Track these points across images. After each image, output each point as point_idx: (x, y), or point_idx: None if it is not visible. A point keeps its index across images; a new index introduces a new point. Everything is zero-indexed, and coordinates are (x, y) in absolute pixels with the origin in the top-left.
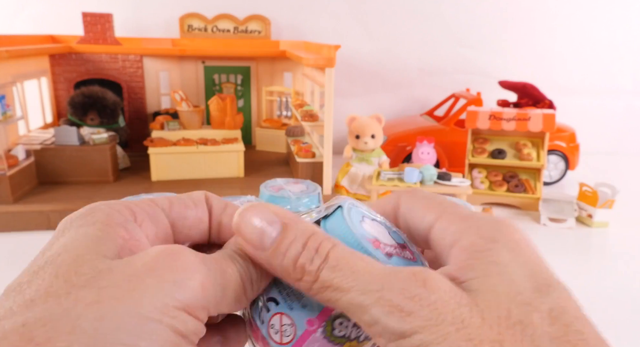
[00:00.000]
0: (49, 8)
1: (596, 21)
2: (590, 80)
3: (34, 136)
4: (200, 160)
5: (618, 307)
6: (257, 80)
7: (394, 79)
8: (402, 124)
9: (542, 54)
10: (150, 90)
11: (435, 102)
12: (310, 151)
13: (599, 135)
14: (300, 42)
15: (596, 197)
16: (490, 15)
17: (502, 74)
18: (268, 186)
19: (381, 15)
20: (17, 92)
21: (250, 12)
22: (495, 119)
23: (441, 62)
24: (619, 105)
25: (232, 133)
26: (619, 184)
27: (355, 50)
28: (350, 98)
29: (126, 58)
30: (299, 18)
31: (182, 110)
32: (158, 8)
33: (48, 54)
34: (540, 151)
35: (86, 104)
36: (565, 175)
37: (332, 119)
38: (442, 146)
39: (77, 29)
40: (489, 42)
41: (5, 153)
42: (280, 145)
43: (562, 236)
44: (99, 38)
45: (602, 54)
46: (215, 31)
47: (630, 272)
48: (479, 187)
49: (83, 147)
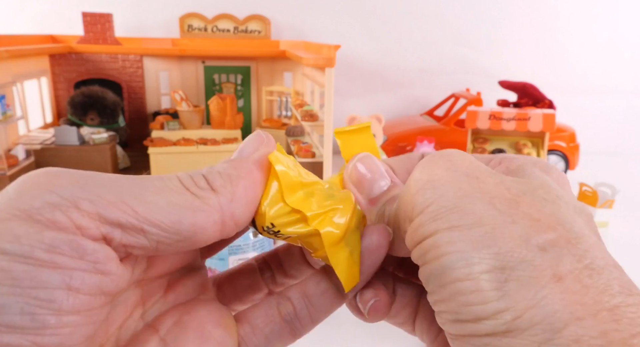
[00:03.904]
0: (49, 8)
1: (597, 21)
2: (590, 80)
3: (34, 136)
4: (200, 160)
5: None
6: (257, 80)
7: (394, 79)
8: (402, 124)
9: (542, 54)
10: (150, 90)
11: (435, 102)
12: (310, 151)
13: (599, 135)
14: (300, 42)
15: (596, 197)
16: (490, 15)
17: (502, 74)
18: None
19: (381, 15)
20: (17, 92)
21: (250, 12)
22: (495, 119)
23: (441, 62)
24: (619, 105)
25: (232, 133)
26: (619, 184)
27: (355, 50)
28: (350, 98)
29: (126, 58)
30: (299, 18)
31: (182, 110)
32: (158, 8)
33: (48, 54)
34: (540, 151)
35: (86, 104)
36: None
37: (332, 119)
38: (442, 146)
39: (77, 29)
40: (489, 42)
41: (5, 153)
42: (280, 145)
43: None
44: (99, 38)
45: (602, 54)
46: (215, 31)
47: (630, 272)
48: None
49: (83, 147)
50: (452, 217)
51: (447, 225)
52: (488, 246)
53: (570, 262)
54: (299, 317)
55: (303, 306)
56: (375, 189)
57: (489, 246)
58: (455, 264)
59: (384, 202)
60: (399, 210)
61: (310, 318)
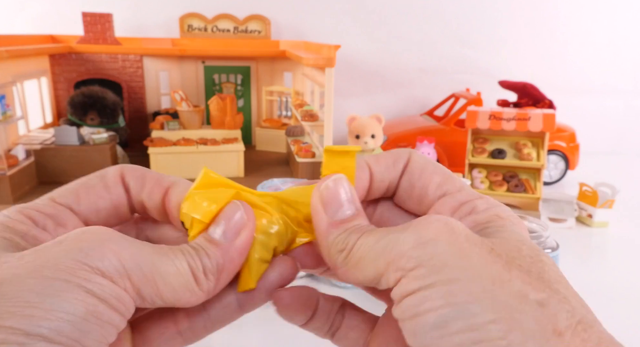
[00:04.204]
0: (49, 8)
1: (596, 21)
2: (590, 80)
3: (34, 136)
4: (200, 160)
5: (618, 307)
6: (257, 80)
7: (394, 79)
8: (402, 124)
9: (542, 54)
10: (150, 90)
11: (435, 102)
12: (310, 151)
13: (599, 135)
14: (300, 42)
15: (596, 197)
16: (490, 15)
17: (502, 74)
18: (265, 187)
19: (381, 15)
20: (17, 92)
21: (250, 12)
22: (495, 119)
23: (441, 62)
24: (619, 105)
25: (232, 133)
26: (619, 184)
27: (355, 50)
28: (350, 98)
29: (126, 58)
30: (299, 18)
31: (182, 110)
32: (158, 8)
33: (48, 54)
34: (540, 151)
35: (86, 104)
36: (565, 175)
37: (332, 119)
38: (442, 146)
39: (77, 29)
40: (489, 42)
41: (5, 153)
42: (280, 145)
43: (562, 236)
44: (99, 38)
45: (602, 54)
46: (215, 31)
47: (630, 272)
48: (479, 187)
49: (83, 147)
50: (453, 271)
51: (448, 277)
52: (490, 298)
53: (566, 317)
54: (194, 329)
55: (200, 318)
56: (339, 214)
57: (491, 298)
58: (459, 314)
59: (347, 230)
60: (383, 255)
61: (205, 329)
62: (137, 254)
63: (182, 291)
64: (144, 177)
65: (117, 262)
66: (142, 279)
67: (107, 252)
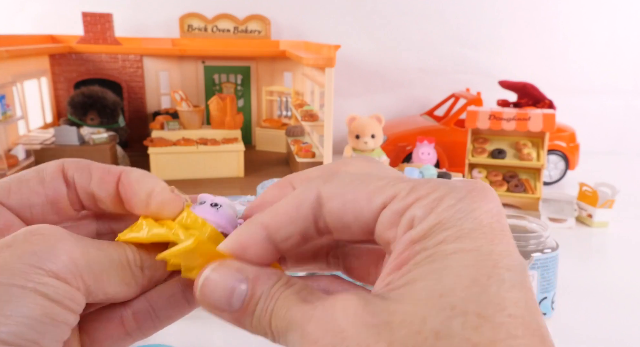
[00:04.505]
0: (49, 8)
1: (597, 21)
2: (590, 80)
3: (34, 136)
4: (200, 160)
5: (618, 307)
6: (257, 80)
7: (394, 79)
8: (402, 124)
9: (542, 54)
10: (150, 90)
11: (435, 102)
12: (310, 151)
13: (599, 135)
14: (300, 42)
15: (596, 197)
16: (490, 14)
17: (502, 74)
18: (265, 187)
19: (381, 15)
20: (17, 92)
21: (250, 12)
22: (495, 119)
23: (441, 62)
24: (619, 105)
25: (232, 133)
26: (619, 184)
27: (355, 50)
28: (350, 98)
29: (126, 58)
30: (299, 18)
31: (182, 110)
32: (158, 8)
33: (48, 54)
34: (540, 151)
35: (86, 104)
36: (565, 175)
37: (332, 119)
38: (442, 146)
39: (77, 29)
40: (489, 42)
41: (5, 153)
42: (280, 145)
43: (562, 236)
44: (99, 38)
45: (602, 54)
46: (215, 31)
47: (630, 272)
48: None
49: (83, 147)
50: None
51: None
52: None
53: None
54: (142, 329)
55: (147, 318)
56: (235, 302)
57: None
58: None
59: (254, 313)
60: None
61: (154, 328)
62: (86, 252)
63: (122, 284)
64: (89, 168)
65: (70, 263)
66: (92, 277)
67: (60, 254)
